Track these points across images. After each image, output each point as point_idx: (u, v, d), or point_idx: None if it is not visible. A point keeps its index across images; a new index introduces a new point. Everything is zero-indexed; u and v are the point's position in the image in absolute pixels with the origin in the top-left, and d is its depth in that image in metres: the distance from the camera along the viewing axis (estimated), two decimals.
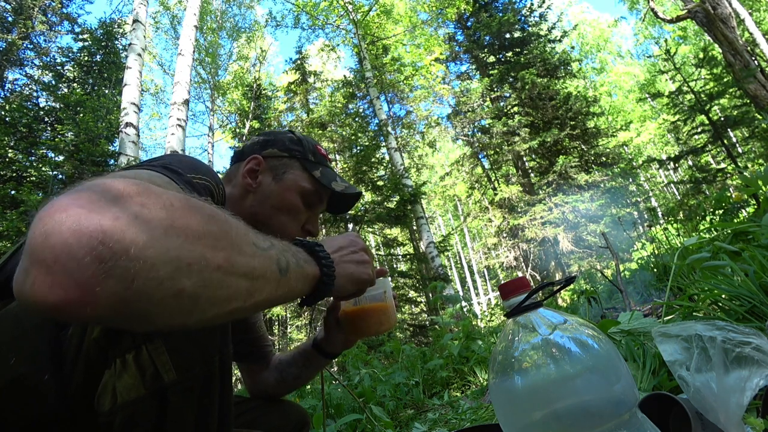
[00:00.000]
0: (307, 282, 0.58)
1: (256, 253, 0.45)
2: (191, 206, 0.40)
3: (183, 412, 0.56)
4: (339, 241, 0.71)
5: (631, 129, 16.80)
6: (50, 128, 7.81)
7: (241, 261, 0.42)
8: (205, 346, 0.60)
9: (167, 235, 0.35)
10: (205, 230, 0.39)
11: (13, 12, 8.97)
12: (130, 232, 0.33)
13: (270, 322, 10.24)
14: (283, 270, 0.50)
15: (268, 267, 0.47)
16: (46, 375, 0.51)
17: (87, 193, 0.34)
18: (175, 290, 0.35)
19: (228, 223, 0.43)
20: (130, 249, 0.32)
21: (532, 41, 12.13)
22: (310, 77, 11.76)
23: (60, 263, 0.31)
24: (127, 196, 0.35)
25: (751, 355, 0.63)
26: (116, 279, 0.31)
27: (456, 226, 21.46)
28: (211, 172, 0.69)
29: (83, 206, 0.33)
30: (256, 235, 0.48)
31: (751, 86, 6.38)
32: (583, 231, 10.12)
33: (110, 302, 0.32)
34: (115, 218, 0.33)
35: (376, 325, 0.85)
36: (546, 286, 0.53)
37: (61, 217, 0.32)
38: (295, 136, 1.01)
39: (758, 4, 15.33)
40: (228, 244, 0.41)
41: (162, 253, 0.34)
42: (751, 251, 1.30)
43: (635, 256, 5.88)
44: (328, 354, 1.01)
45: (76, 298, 0.31)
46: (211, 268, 0.38)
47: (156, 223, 0.35)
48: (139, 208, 0.35)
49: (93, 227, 0.31)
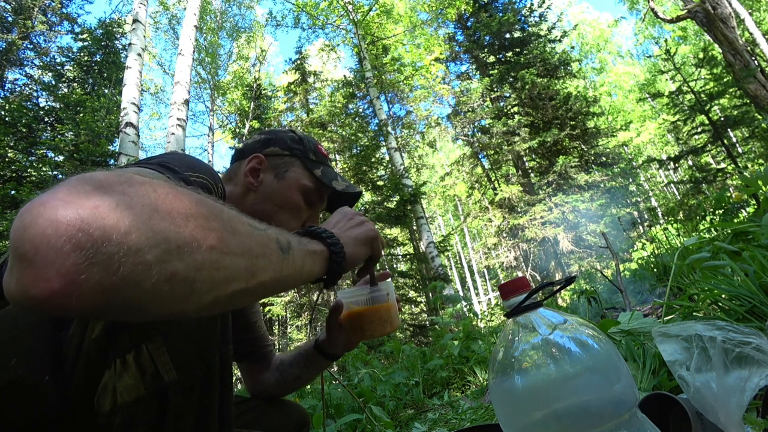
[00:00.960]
0: (316, 259, 0.57)
1: (251, 233, 0.44)
2: (177, 191, 0.39)
3: (183, 412, 0.56)
4: (333, 219, 0.72)
5: (631, 129, 16.80)
6: (50, 128, 7.81)
7: (237, 240, 0.41)
8: (205, 346, 0.60)
9: (152, 219, 0.34)
10: (193, 212, 0.38)
11: (13, 12, 8.97)
12: (110, 219, 0.32)
13: (270, 322, 10.24)
14: (285, 248, 0.49)
15: (266, 245, 0.45)
16: (46, 376, 0.51)
17: (66, 185, 0.34)
18: (166, 274, 0.33)
19: (217, 207, 0.42)
20: (111, 235, 0.31)
21: (532, 41, 12.13)
22: (310, 77, 11.76)
23: (40, 255, 0.30)
24: (107, 185, 0.34)
25: (751, 355, 0.63)
26: (100, 266, 0.31)
27: (456, 226, 21.47)
28: (209, 170, 0.68)
29: (61, 198, 0.32)
30: (251, 219, 0.47)
31: (751, 86, 6.38)
32: (583, 231, 10.12)
33: (96, 290, 0.31)
34: (95, 207, 0.32)
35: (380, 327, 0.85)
36: (546, 286, 0.53)
37: (39, 210, 0.31)
38: (296, 135, 1.01)
39: (758, 4, 15.33)
40: (220, 225, 0.39)
41: (148, 238, 0.33)
42: (751, 251, 1.30)
43: (635, 256, 5.88)
44: (329, 355, 1.01)
45: (60, 289, 0.30)
46: (203, 249, 0.36)
47: (139, 208, 0.34)
48: (120, 196, 0.34)
49: (70, 216, 0.31)
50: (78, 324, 0.53)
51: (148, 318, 0.36)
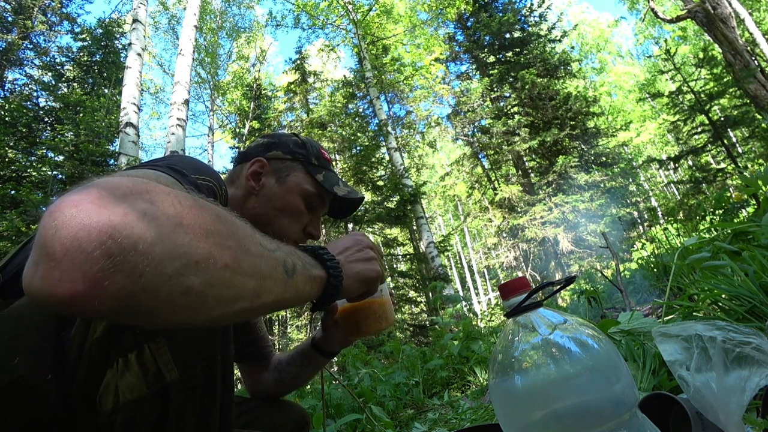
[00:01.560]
0: (315, 285, 0.58)
1: (263, 254, 0.45)
2: (199, 205, 0.40)
3: (185, 411, 0.56)
4: (343, 243, 0.71)
5: (631, 129, 16.80)
6: (50, 128, 7.81)
7: (249, 260, 0.42)
8: (207, 346, 0.60)
9: (176, 232, 0.35)
10: (213, 228, 0.39)
11: (13, 12, 8.96)
12: (138, 228, 0.33)
13: (270, 322, 10.25)
14: (290, 272, 0.50)
15: (275, 268, 0.47)
16: (48, 375, 0.51)
17: (96, 189, 0.35)
18: (183, 288, 0.35)
19: (235, 224, 0.43)
20: (138, 245, 0.32)
21: (532, 41, 12.13)
22: (309, 77, 11.76)
23: (69, 257, 0.31)
24: (136, 193, 0.36)
25: (751, 355, 0.63)
26: (124, 274, 0.32)
27: (456, 226, 21.46)
28: (213, 174, 0.68)
29: (93, 202, 0.33)
30: (263, 237, 0.48)
31: (751, 86, 6.38)
32: (583, 231, 10.12)
33: (118, 297, 0.32)
34: (125, 214, 0.33)
35: (375, 323, 0.84)
36: (546, 286, 0.54)
37: (72, 212, 0.32)
38: (300, 139, 1.01)
39: (758, 4, 15.33)
40: (235, 243, 0.41)
41: (171, 250, 0.34)
42: (751, 251, 1.30)
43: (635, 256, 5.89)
44: (326, 353, 1.01)
45: (84, 292, 0.31)
46: (218, 266, 0.38)
47: (165, 219, 0.35)
48: (148, 205, 0.35)
49: (102, 222, 0.32)
50: (81, 323, 0.53)
51: (156, 325, 0.37)
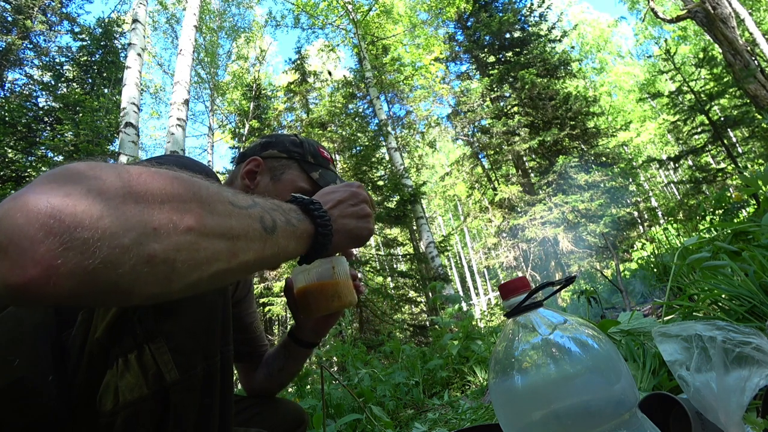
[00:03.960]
0: (301, 240, 0.55)
1: (232, 212, 0.43)
2: (151, 171, 0.39)
3: (185, 411, 0.56)
4: (339, 194, 0.65)
5: (631, 129, 16.78)
6: (50, 128, 7.81)
7: (216, 221, 0.41)
8: (206, 346, 0.60)
9: (125, 203, 0.34)
10: (168, 192, 0.38)
11: (12, 12, 8.96)
12: (82, 205, 0.32)
13: (270, 322, 10.24)
14: (269, 228, 0.48)
15: (249, 225, 0.45)
16: (49, 376, 0.51)
17: (40, 178, 0.34)
18: (144, 256, 0.34)
19: (196, 184, 0.41)
20: (84, 220, 0.32)
21: (532, 41, 12.13)
22: (309, 77, 11.76)
23: (13, 244, 0.30)
24: (80, 173, 0.35)
25: (751, 355, 0.63)
26: (75, 251, 0.31)
27: (456, 226, 21.46)
28: (207, 171, 0.68)
29: (34, 190, 0.32)
30: (235, 195, 0.46)
31: (751, 86, 6.38)
32: (583, 231, 10.12)
33: (75, 274, 0.31)
34: (66, 195, 0.32)
35: (325, 303, 0.83)
36: (546, 286, 0.53)
37: (11, 203, 0.32)
38: (298, 138, 1.01)
39: (758, 4, 15.33)
40: (197, 205, 0.40)
41: (122, 221, 0.33)
42: (751, 251, 1.30)
43: (635, 256, 5.89)
44: (301, 342, 1.01)
45: (37, 275, 0.30)
46: (180, 230, 0.37)
47: (112, 192, 0.34)
48: (93, 181, 0.34)
49: (41, 205, 0.31)
50: (81, 324, 0.53)
51: (134, 301, 0.36)
